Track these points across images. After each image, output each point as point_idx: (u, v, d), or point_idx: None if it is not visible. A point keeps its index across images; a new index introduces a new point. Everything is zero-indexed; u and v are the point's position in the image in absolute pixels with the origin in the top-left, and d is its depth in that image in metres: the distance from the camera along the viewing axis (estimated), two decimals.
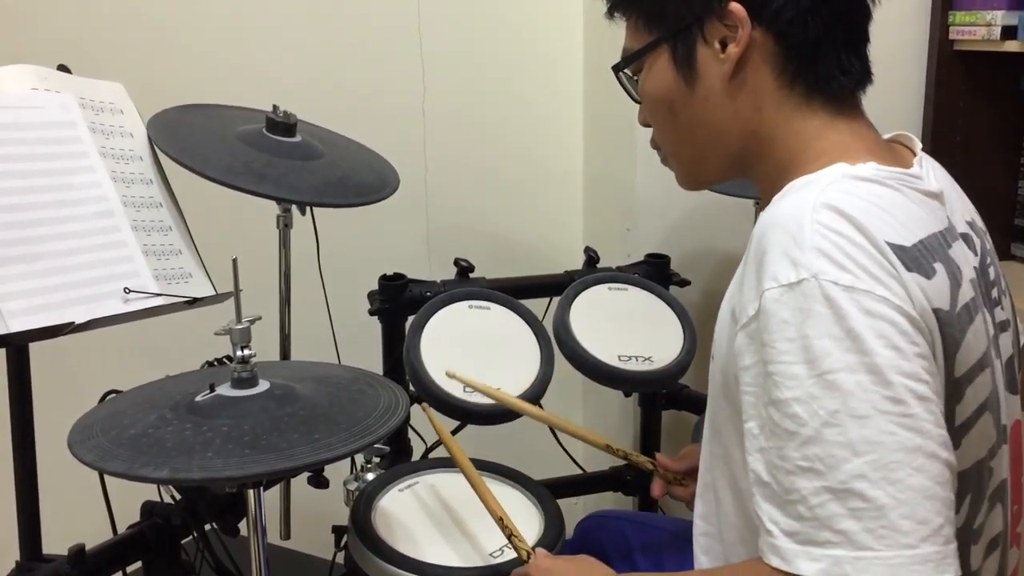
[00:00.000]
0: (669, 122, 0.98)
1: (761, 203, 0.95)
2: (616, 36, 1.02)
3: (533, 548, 1.10)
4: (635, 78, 1.00)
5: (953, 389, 0.83)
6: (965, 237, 0.91)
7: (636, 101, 1.02)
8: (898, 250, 0.79)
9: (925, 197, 0.86)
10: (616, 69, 1.01)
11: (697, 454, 1.26)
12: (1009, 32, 1.80)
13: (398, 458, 1.61)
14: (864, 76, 0.93)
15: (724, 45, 0.90)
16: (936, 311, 0.80)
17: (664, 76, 0.95)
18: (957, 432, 0.85)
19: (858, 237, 0.78)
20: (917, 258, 0.80)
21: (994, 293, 0.93)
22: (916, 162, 0.91)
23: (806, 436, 0.74)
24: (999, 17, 1.81)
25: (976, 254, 0.91)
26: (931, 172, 0.92)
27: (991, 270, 0.94)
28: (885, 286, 0.76)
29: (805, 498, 0.74)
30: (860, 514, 0.72)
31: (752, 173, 0.97)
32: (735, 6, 0.88)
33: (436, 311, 1.52)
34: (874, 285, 0.76)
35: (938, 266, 0.82)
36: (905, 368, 0.74)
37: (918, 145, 0.96)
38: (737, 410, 0.85)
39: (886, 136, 0.98)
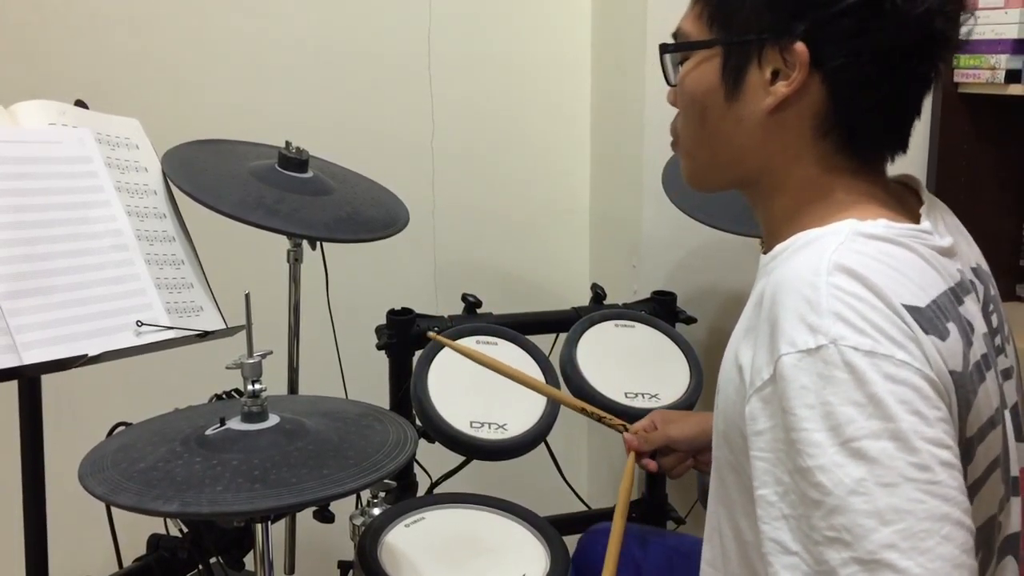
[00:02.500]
0: (697, 124, 0.95)
1: (764, 241, 0.94)
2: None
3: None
4: (679, 63, 0.96)
5: (965, 449, 0.82)
6: (972, 285, 0.89)
7: (670, 84, 0.98)
8: (914, 312, 0.77)
9: (936, 254, 0.85)
10: (664, 50, 0.96)
11: (665, 424, 1.32)
12: (1013, 76, 1.81)
13: (404, 493, 1.60)
14: (899, 146, 0.91)
15: (775, 76, 0.87)
16: (951, 372, 0.79)
17: (708, 79, 0.91)
18: (969, 492, 0.82)
19: (875, 300, 0.76)
20: (932, 319, 0.79)
21: (997, 340, 0.93)
22: (923, 212, 0.90)
23: (832, 505, 0.72)
24: (1003, 61, 1.82)
25: (979, 301, 0.90)
26: (940, 222, 0.91)
27: (994, 317, 0.93)
28: (905, 350, 0.75)
29: (834, 570, 0.71)
30: None
31: (756, 204, 0.96)
32: (800, 46, 0.84)
33: (443, 346, 1.52)
34: (895, 350, 0.74)
35: (951, 326, 0.81)
36: (929, 434, 0.73)
37: (924, 190, 0.95)
38: (738, 460, 0.85)
39: (891, 176, 0.96)
